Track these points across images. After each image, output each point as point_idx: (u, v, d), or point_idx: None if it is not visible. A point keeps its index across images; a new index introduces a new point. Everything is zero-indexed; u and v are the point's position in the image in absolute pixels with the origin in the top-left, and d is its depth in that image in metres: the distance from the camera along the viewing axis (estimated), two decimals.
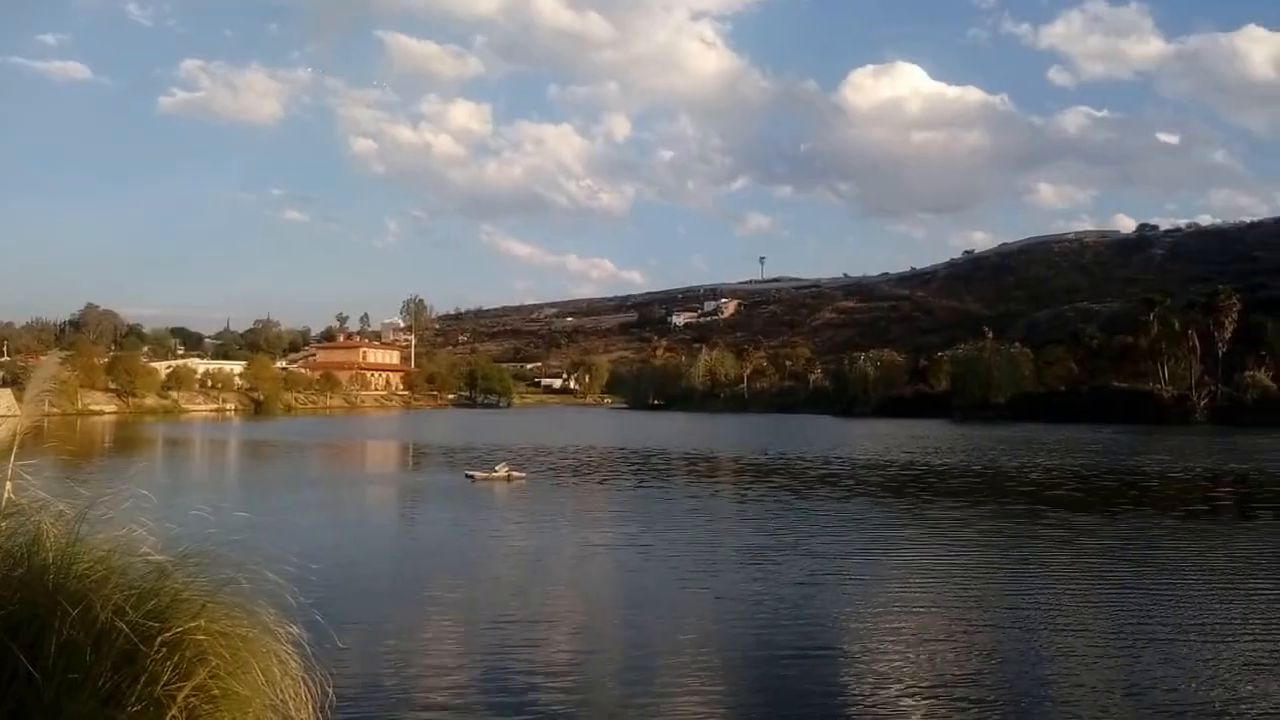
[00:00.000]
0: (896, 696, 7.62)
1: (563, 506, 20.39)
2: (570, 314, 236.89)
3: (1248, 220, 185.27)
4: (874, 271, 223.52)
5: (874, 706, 7.40)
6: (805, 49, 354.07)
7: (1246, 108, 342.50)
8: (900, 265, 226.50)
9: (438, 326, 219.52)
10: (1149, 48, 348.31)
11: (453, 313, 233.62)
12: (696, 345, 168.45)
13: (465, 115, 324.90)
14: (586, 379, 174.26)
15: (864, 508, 20.93)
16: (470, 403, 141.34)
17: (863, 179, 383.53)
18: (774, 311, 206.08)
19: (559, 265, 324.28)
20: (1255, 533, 17.66)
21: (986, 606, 10.91)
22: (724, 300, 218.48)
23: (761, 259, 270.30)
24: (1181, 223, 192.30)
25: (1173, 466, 33.15)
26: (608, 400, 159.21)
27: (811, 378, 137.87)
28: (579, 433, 59.45)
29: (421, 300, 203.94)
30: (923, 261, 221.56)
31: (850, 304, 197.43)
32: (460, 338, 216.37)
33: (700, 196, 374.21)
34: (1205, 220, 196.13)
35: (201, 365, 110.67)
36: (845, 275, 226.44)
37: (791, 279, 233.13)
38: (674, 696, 7.63)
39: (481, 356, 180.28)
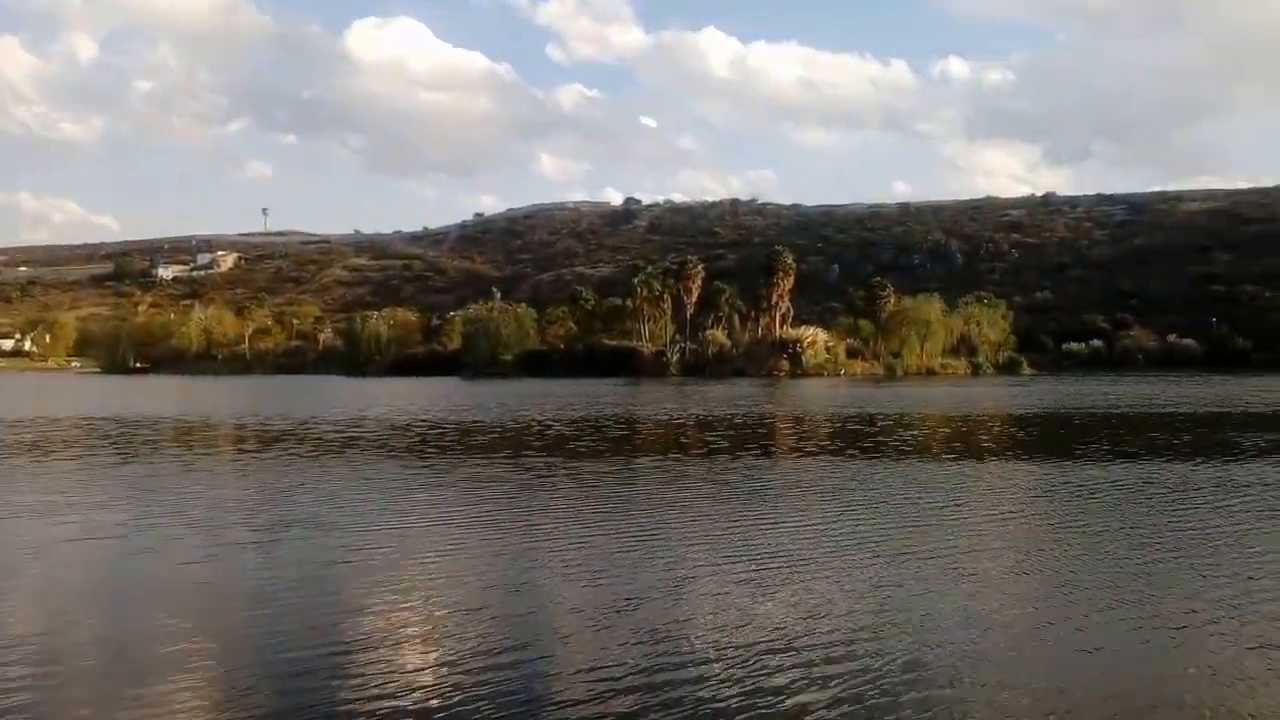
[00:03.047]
0: (414, 677, 7.23)
1: (17, 493, 16.86)
2: (24, 263, 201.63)
3: (710, 199, 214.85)
4: (387, 229, 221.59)
5: (384, 685, 6.93)
6: None
7: (709, 100, 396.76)
8: (414, 224, 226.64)
9: None
10: (631, 36, 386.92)
11: None
12: (188, 302, 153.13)
13: None
14: (47, 339, 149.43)
15: (388, 470, 20.29)
16: None
17: (373, 134, 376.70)
18: (279, 267, 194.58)
19: (9, 205, 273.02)
20: (738, 463, 20.26)
21: (531, 560, 11.01)
22: (221, 253, 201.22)
23: (265, 210, 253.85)
24: (660, 199, 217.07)
25: (664, 412, 37.51)
26: (75, 364, 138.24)
27: (321, 337, 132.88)
28: (39, 402, 50.65)
29: None
30: (436, 221, 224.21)
31: (362, 261, 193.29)
32: None
33: (189, 137, 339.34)
34: (677, 197, 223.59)
35: None
36: (357, 232, 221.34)
37: (299, 233, 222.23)
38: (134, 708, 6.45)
39: None
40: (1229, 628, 8.24)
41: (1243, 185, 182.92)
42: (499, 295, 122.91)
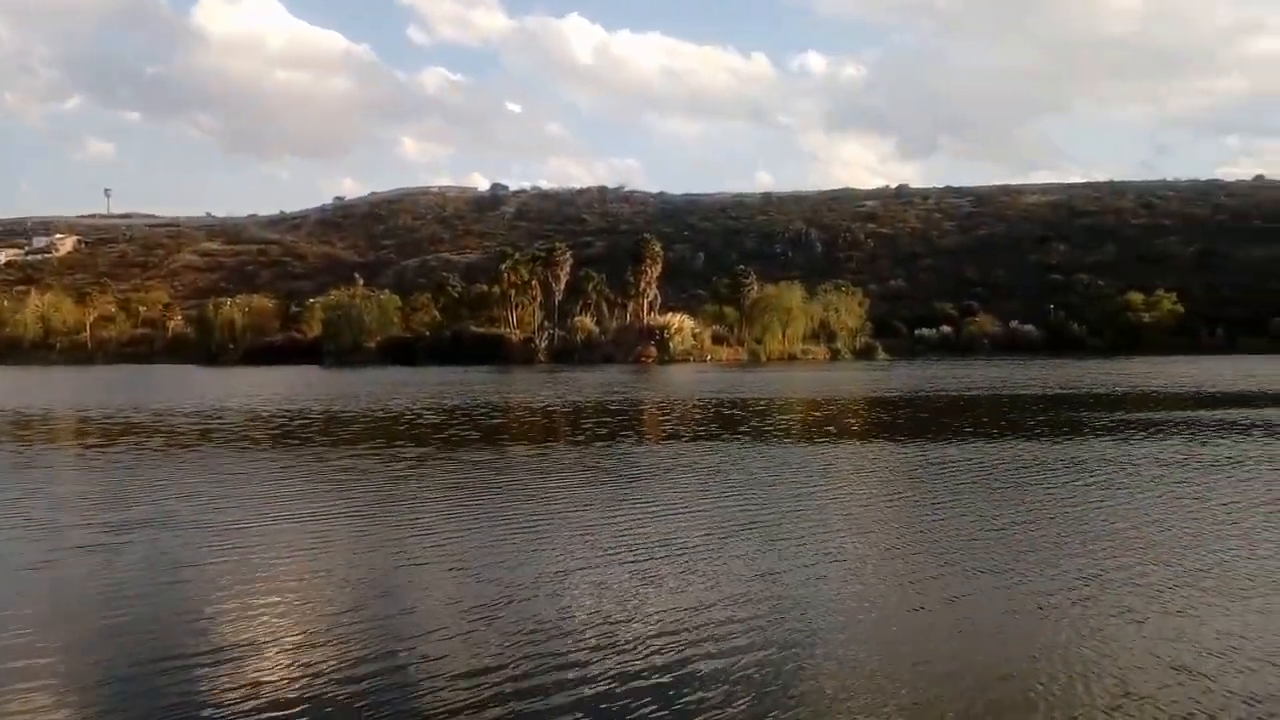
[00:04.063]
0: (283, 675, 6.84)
1: None
2: None
3: (577, 186, 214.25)
4: (241, 213, 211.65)
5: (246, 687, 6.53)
6: None
7: (575, 87, 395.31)
8: (270, 207, 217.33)
9: None
10: (494, 20, 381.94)
11: None
12: (22, 288, 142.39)
13: None
14: None
15: (249, 464, 19.30)
16: None
17: (226, 113, 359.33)
18: (124, 251, 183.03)
19: None
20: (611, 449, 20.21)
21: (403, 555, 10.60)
22: (59, 236, 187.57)
23: (107, 191, 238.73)
24: (526, 185, 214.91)
25: (537, 399, 37.15)
26: None
27: (170, 325, 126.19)
28: None
29: None
30: (293, 205, 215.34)
31: (215, 246, 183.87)
32: None
33: (23, 113, 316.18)
34: (544, 184, 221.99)
35: None
36: (209, 215, 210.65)
37: (145, 216, 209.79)
38: None
39: None
40: (1090, 594, 8.70)
41: (1077, 180, 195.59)
42: (361, 281, 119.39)
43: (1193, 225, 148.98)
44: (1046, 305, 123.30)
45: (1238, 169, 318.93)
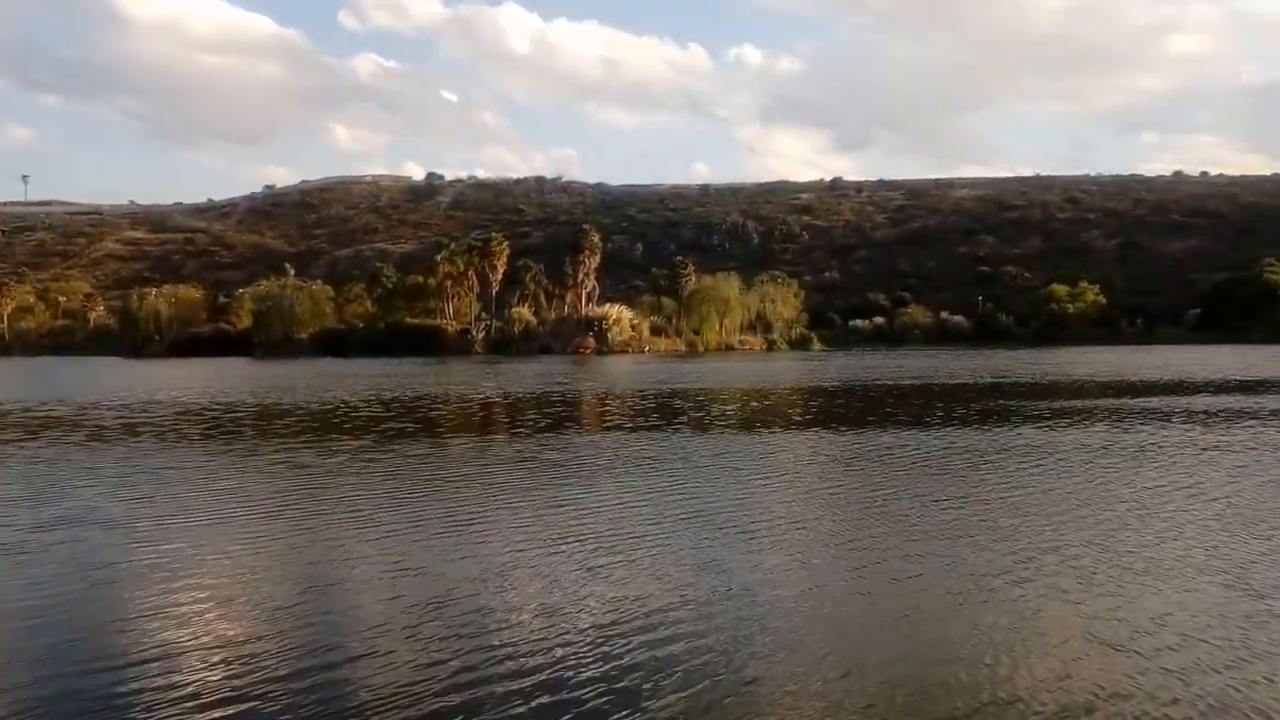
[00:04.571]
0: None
1: None
2: None
3: (514, 176, 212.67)
4: (167, 201, 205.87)
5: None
6: None
7: (511, 76, 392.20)
8: (197, 195, 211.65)
9: None
10: (429, 7, 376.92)
11: None
12: None
13: None
14: None
15: (179, 459, 18.74)
16: None
17: (150, 98, 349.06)
18: (43, 240, 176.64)
19: None
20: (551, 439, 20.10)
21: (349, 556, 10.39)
22: None
23: (25, 177, 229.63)
24: (463, 174, 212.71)
25: (476, 390, 36.80)
26: None
27: (92, 316, 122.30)
28: None
29: None
30: (221, 193, 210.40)
31: (139, 235, 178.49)
32: None
33: None
34: (481, 174, 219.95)
35: None
36: (133, 203, 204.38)
37: (65, 203, 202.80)
38: None
39: None
40: (1027, 576, 8.91)
41: (1004, 174, 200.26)
42: (292, 272, 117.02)
43: (1114, 219, 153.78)
44: (975, 296, 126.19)
45: (1157, 165, 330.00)
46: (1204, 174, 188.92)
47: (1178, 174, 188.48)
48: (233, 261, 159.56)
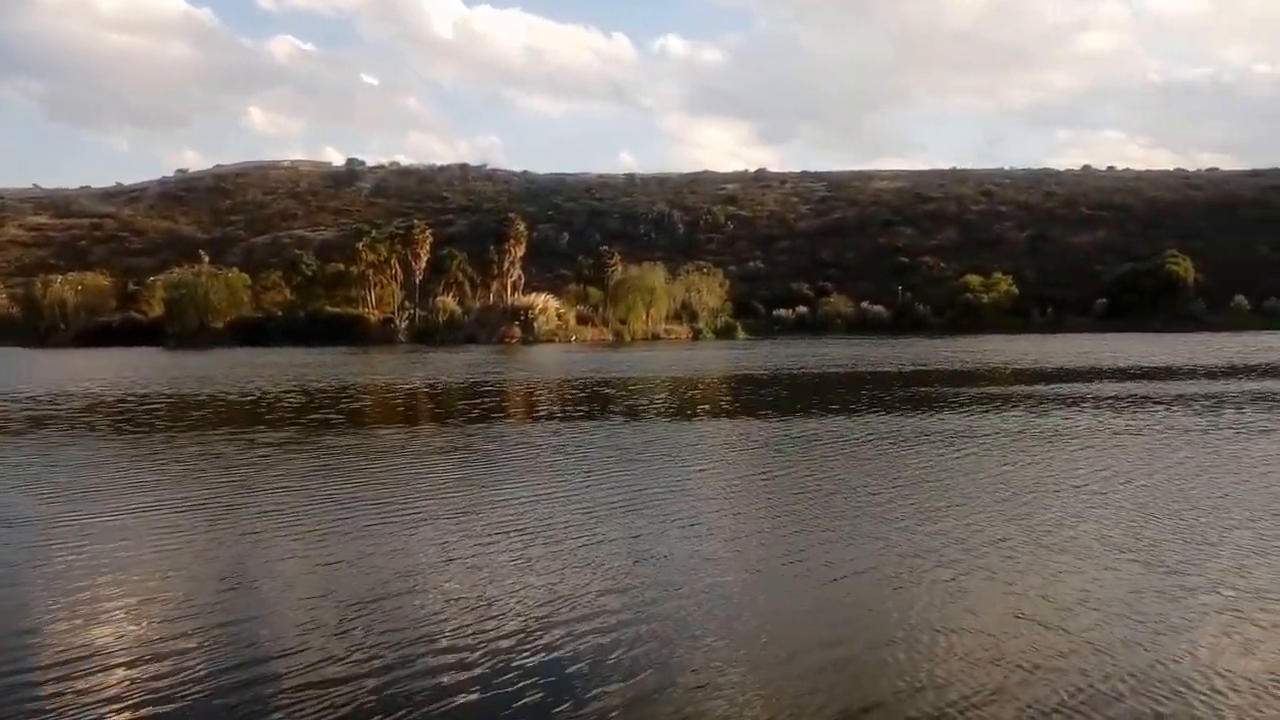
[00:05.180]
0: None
1: None
2: None
3: (438, 163, 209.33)
4: (72, 185, 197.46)
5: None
6: None
7: (434, 61, 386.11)
8: (104, 180, 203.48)
9: None
10: None
11: None
12: None
13: None
14: None
15: (90, 452, 18.00)
16: None
17: (53, 78, 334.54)
18: None
19: None
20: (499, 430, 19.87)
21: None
22: None
23: None
24: (385, 160, 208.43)
25: (402, 380, 36.19)
26: None
27: None
28: None
29: None
30: (131, 177, 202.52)
31: (42, 220, 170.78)
32: None
33: None
34: (404, 160, 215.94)
35: None
36: (36, 186, 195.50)
37: None
38: None
39: None
40: (954, 557, 9.12)
41: (922, 167, 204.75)
42: (207, 259, 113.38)
43: (1026, 212, 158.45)
44: (894, 286, 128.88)
45: (1067, 159, 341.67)
46: (1111, 169, 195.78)
47: (1086, 168, 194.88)
48: (143, 248, 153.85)
